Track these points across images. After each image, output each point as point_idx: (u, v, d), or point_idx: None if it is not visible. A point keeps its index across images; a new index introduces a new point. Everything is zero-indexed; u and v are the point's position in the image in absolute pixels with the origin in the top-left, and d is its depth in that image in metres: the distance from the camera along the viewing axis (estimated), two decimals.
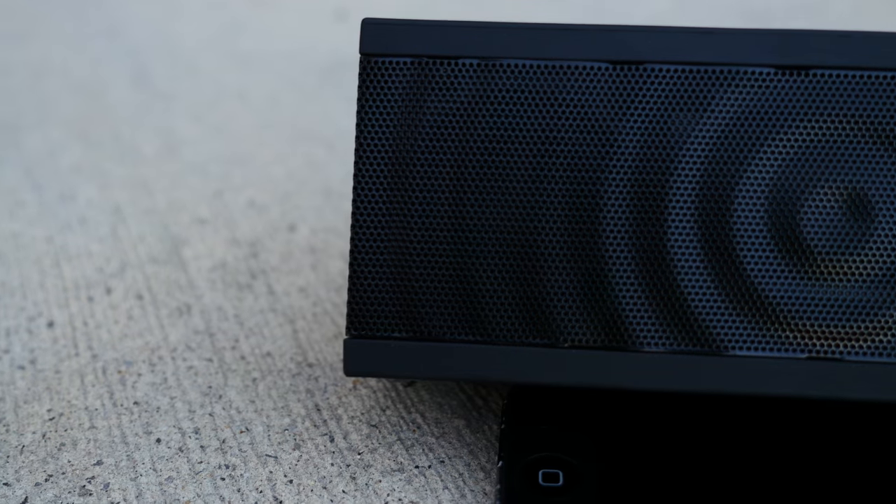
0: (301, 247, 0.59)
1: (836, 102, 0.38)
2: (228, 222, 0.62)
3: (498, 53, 0.39)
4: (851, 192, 0.38)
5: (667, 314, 0.39)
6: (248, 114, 0.79)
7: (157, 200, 0.65)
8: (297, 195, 0.66)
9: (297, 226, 0.62)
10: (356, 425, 0.44)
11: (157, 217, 0.63)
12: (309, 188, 0.67)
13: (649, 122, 0.39)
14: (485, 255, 0.39)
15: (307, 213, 0.63)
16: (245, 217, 0.63)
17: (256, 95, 0.83)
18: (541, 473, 0.39)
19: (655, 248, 0.39)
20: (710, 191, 0.38)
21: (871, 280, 0.38)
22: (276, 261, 0.58)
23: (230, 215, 0.63)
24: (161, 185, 0.67)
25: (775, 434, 0.41)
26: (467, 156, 0.39)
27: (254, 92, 0.83)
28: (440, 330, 0.39)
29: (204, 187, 0.67)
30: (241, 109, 0.80)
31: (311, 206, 0.64)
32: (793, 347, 0.38)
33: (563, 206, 0.39)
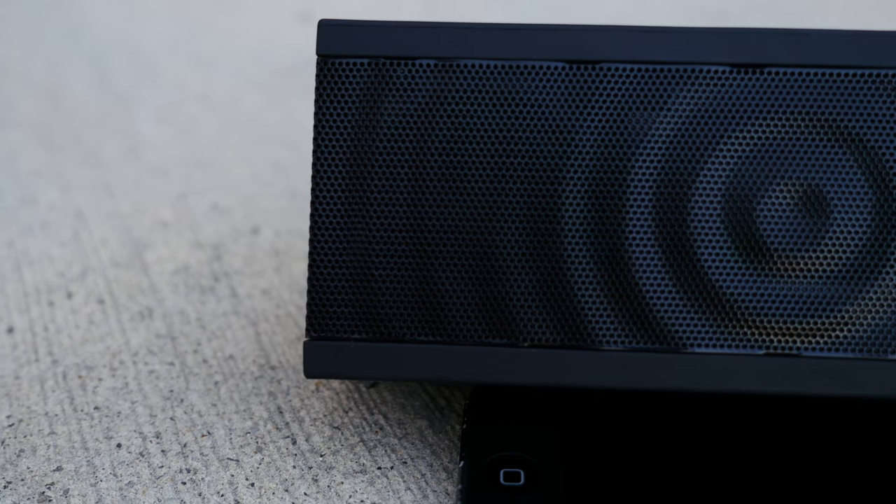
0: (265, 249, 0.59)
1: (791, 100, 0.38)
2: (191, 225, 0.62)
3: (455, 54, 0.39)
4: (807, 188, 0.39)
5: (626, 313, 0.39)
6: (212, 116, 0.79)
7: (119, 204, 0.65)
8: (260, 197, 0.65)
9: (260, 228, 0.61)
10: (318, 427, 0.44)
11: (119, 221, 0.62)
12: (273, 190, 0.66)
13: (606, 121, 0.39)
14: (444, 256, 0.39)
15: (271, 216, 0.63)
16: (208, 220, 0.62)
17: (220, 97, 0.82)
18: (502, 473, 0.39)
19: (614, 247, 0.39)
20: (668, 189, 0.39)
21: (828, 276, 0.39)
22: (240, 264, 0.57)
23: (193, 218, 0.63)
24: (124, 189, 0.67)
25: (736, 430, 0.41)
26: (426, 156, 0.39)
27: (217, 94, 0.83)
28: (400, 331, 0.39)
29: (167, 190, 0.66)
30: (204, 111, 0.80)
31: (275, 208, 0.64)
32: (751, 344, 0.39)
33: (522, 206, 0.39)
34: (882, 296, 0.38)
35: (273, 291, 0.55)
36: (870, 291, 0.38)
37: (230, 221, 0.62)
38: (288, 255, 0.58)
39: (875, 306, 0.38)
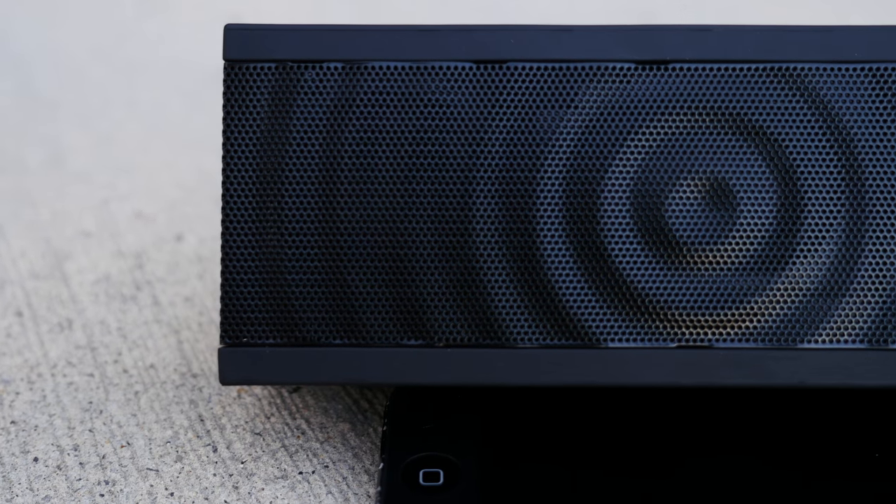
0: (188, 256, 0.59)
1: (695, 95, 0.39)
2: (114, 234, 0.61)
3: (362, 56, 0.39)
4: (713, 182, 0.39)
5: (540, 310, 0.39)
6: (137, 122, 0.78)
7: (40, 213, 0.64)
8: (185, 203, 0.65)
9: (184, 235, 0.61)
10: (240, 434, 0.44)
11: (39, 231, 0.61)
12: (197, 196, 0.66)
13: (514, 120, 0.39)
14: (358, 259, 0.39)
15: (195, 222, 0.62)
16: (131, 228, 0.62)
17: (145, 103, 0.82)
18: (421, 473, 0.39)
19: (525, 245, 0.39)
20: (577, 187, 0.39)
21: (737, 268, 0.39)
22: (162, 271, 0.57)
23: (116, 226, 0.62)
24: (45, 197, 0.66)
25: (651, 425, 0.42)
26: (336, 159, 0.39)
27: (142, 99, 0.82)
28: (315, 335, 0.39)
29: (90, 198, 0.66)
30: (129, 117, 0.79)
31: (200, 214, 0.63)
32: (663, 337, 0.39)
33: (433, 206, 0.39)
34: (790, 286, 0.39)
35: (196, 299, 0.54)
36: (778, 282, 0.39)
37: (153, 229, 0.62)
38: (212, 261, 0.58)
39: (783, 296, 0.39)
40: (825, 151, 0.39)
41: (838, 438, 0.41)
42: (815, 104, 0.39)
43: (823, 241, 0.39)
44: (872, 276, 0.39)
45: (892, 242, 0.39)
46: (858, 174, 0.39)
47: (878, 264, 0.39)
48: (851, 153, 0.39)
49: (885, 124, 0.39)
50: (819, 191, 0.39)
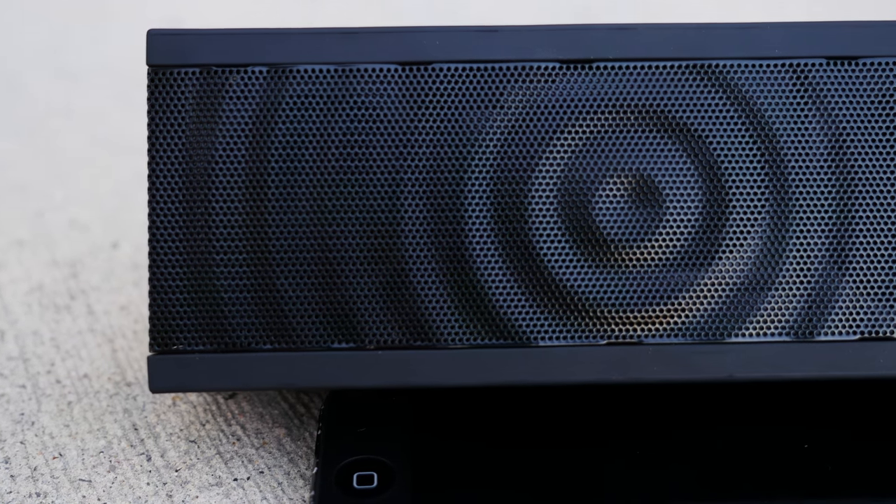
0: (124, 264, 0.58)
1: (620, 94, 0.39)
2: (48, 243, 0.60)
3: (287, 59, 0.39)
4: (640, 180, 0.39)
5: (469, 310, 0.39)
6: (74, 129, 0.77)
7: None
8: (122, 211, 0.64)
9: (120, 243, 0.60)
10: (174, 442, 0.44)
11: None
12: (135, 203, 0.65)
13: (441, 121, 0.39)
14: (287, 263, 0.39)
15: (132, 230, 0.62)
16: (66, 237, 0.61)
17: (82, 110, 0.81)
18: (355, 476, 0.39)
19: (454, 246, 0.39)
20: (505, 186, 0.39)
21: (664, 264, 0.39)
22: (97, 280, 0.56)
23: (50, 236, 0.61)
24: None
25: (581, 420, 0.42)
26: (263, 163, 0.39)
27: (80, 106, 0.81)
28: (245, 340, 0.39)
29: (24, 207, 0.65)
30: (66, 125, 0.78)
31: (137, 221, 0.63)
32: (593, 334, 0.39)
33: (361, 209, 0.39)
34: (717, 281, 0.39)
35: (132, 307, 0.54)
36: (705, 277, 0.39)
37: (89, 237, 0.61)
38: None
39: (711, 292, 0.39)
40: (748, 147, 0.39)
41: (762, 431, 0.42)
42: (737, 100, 0.39)
43: (748, 236, 0.39)
44: (797, 269, 0.39)
45: (815, 236, 0.39)
46: (781, 169, 0.39)
47: (802, 258, 0.39)
48: (774, 148, 0.39)
49: (805, 119, 0.39)
50: (743, 186, 0.39)
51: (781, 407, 0.43)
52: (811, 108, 0.39)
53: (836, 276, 0.39)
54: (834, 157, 0.39)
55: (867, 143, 0.39)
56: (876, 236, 0.39)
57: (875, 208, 0.39)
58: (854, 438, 0.41)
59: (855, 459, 0.40)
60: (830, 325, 0.39)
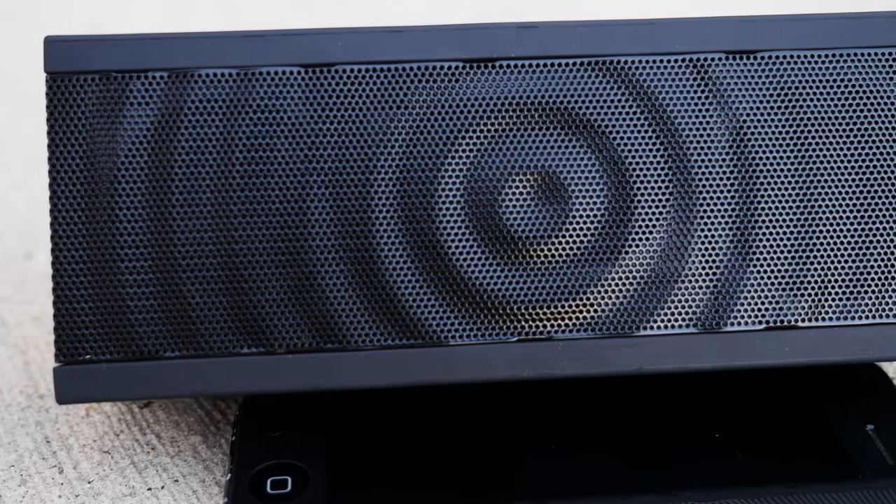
0: (37, 274, 0.57)
1: (524, 92, 0.39)
2: None
3: (188, 64, 0.39)
4: (546, 177, 0.40)
5: (379, 311, 0.39)
6: None
7: None
8: (36, 221, 0.63)
9: (34, 253, 0.60)
10: (87, 453, 0.43)
11: None
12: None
13: (345, 123, 0.39)
14: (193, 269, 0.39)
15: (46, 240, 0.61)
16: None
17: None
18: (269, 482, 0.39)
19: (363, 247, 0.39)
20: (411, 187, 0.39)
21: (572, 260, 0.40)
22: (9, 291, 0.55)
23: None
24: None
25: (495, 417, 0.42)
26: (168, 169, 0.39)
27: None
28: (153, 348, 0.39)
29: None
30: None
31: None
32: (503, 332, 0.39)
33: (266, 212, 0.39)
34: (624, 275, 0.40)
35: (45, 318, 0.53)
36: (612, 272, 0.40)
37: (1, 248, 0.60)
38: None
39: (618, 286, 0.40)
40: (651, 142, 0.40)
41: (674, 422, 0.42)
42: (639, 96, 0.40)
43: (654, 230, 0.40)
44: (703, 261, 0.40)
45: (719, 228, 0.40)
46: (684, 163, 0.40)
47: (707, 250, 0.40)
48: (677, 142, 0.40)
49: (706, 113, 0.40)
50: (647, 181, 0.40)
51: (691, 397, 0.44)
52: (712, 101, 0.40)
53: (741, 268, 0.40)
54: (735, 149, 0.40)
55: (767, 136, 0.40)
56: (778, 227, 0.40)
57: (776, 199, 0.40)
58: (763, 426, 0.42)
59: (765, 447, 0.41)
60: (737, 316, 0.40)
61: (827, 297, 0.40)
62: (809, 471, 0.40)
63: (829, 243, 0.40)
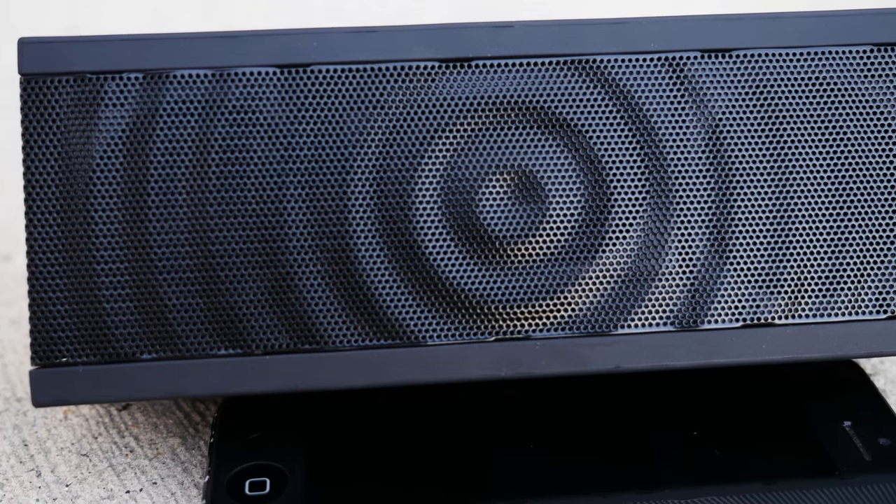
0: (15, 276, 0.57)
1: (499, 91, 0.39)
2: None
3: (163, 65, 0.38)
4: (523, 176, 0.40)
5: (357, 312, 0.39)
6: None
7: None
8: (13, 223, 0.63)
9: (12, 255, 0.59)
10: (65, 457, 0.43)
11: None
12: None
13: (322, 124, 0.39)
14: (169, 270, 0.38)
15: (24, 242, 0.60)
16: None
17: None
18: (248, 483, 0.39)
19: (340, 248, 0.39)
20: (388, 187, 0.39)
21: (550, 259, 0.40)
22: None
23: None
24: None
25: (473, 417, 0.42)
26: (144, 171, 0.38)
27: None
28: (130, 350, 0.38)
29: None
30: None
31: None
32: (481, 331, 0.39)
33: (243, 214, 0.39)
34: (601, 274, 0.40)
35: (22, 320, 0.53)
36: (589, 271, 0.40)
37: None
38: None
39: (595, 285, 0.40)
40: (628, 140, 0.40)
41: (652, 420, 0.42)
42: (615, 95, 0.40)
43: (631, 229, 0.40)
44: (680, 260, 0.40)
45: (696, 226, 0.40)
46: (661, 161, 0.40)
47: (684, 248, 0.40)
48: (653, 141, 0.40)
49: (682, 111, 0.40)
50: (624, 179, 0.40)
51: (670, 395, 0.44)
52: (688, 100, 0.40)
53: (718, 265, 0.40)
54: (711, 148, 0.40)
55: (743, 134, 0.40)
56: (754, 225, 0.40)
57: (752, 197, 0.40)
58: (741, 423, 0.42)
59: (743, 444, 0.41)
60: (714, 314, 0.40)
61: (803, 295, 0.40)
62: (787, 468, 0.40)
63: (805, 241, 0.40)
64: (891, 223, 0.41)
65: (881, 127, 0.41)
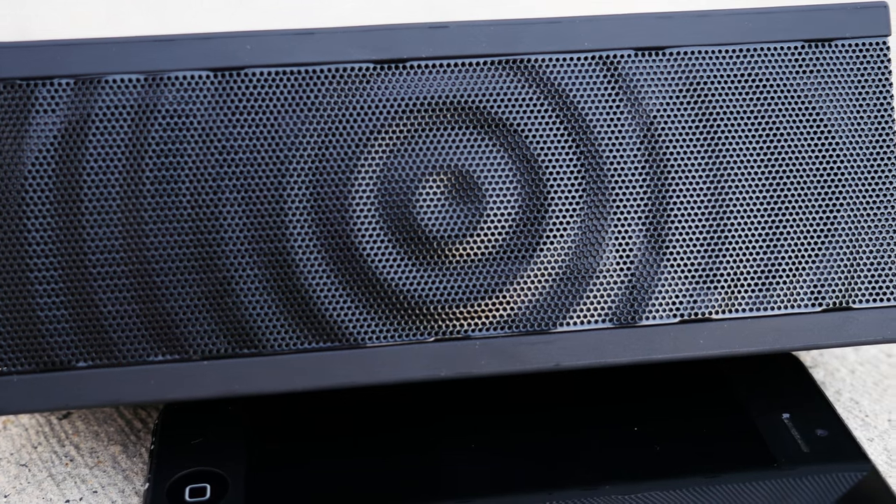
0: None
1: (435, 92, 0.39)
2: None
3: (95, 70, 0.38)
4: (459, 176, 0.40)
5: (296, 315, 0.39)
6: None
7: None
8: None
9: None
10: (4, 467, 0.43)
11: None
12: None
13: (257, 127, 0.39)
14: (104, 277, 0.38)
15: None
16: None
17: None
18: (188, 490, 0.39)
19: (277, 252, 0.39)
20: (325, 189, 0.39)
21: (488, 259, 0.40)
22: None
23: None
24: None
25: (421, 420, 0.42)
26: (77, 177, 0.38)
27: None
28: (66, 358, 0.38)
29: None
30: None
31: None
32: (420, 332, 0.39)
33: (178, 218, 0.38)
34: (539, 273, 0.40)
35: None
36: (528, 270, 0.40)
37: None
38: None
39: (534, 283, 0.40)
40: (564, 139, 0.40)
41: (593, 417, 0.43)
42: (550, 94, 0.40)
43: (568, 227, 0.40)
44: (617, 257, 0.40)
45: (633, 223, 0.40)
46: (597, 159, 0.40)
47: (621, 245, 0.40)
48: (589, 139, 0.40)
49: (617, 110, 0.40)
50: (561, 178, 0.40)
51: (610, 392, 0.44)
52: (623, 98, 0.40)
53: (655, 262, 0.40)
54: (647, 145, 0.40)
55: (678, 131, 0.40)
56: (690, 221, 0.41)
57: (687, 194, 0.41)
58: (681, 418, 0.43)
59: (683, 438, 0.41)
60: (652, 310, 0.40)
61: (740, 289, 0.41)
62: (727, 461, 0.40)
63: (740, 236, 0.41)
64: (824, 217, 0.41)
65: (813, 122, 0.41)
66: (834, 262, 0.41)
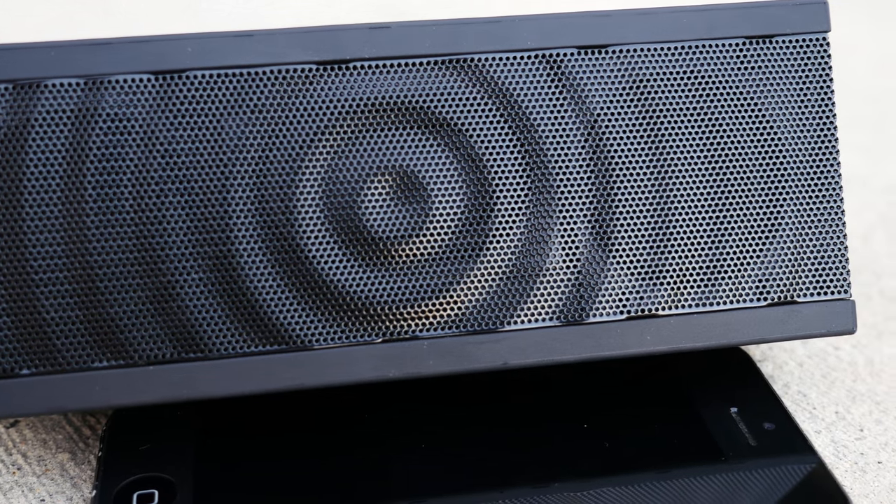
0: None
1: (378, 92, 0.39)
2: None
3: (34, 74, 0.38)
4: (404, 176, 0.40)
5: (242, 318, 0.39)
6: None
7: None
8: None
9: None
10: None
11: None
12: None
13: (200, 130, 0.38)
14: (46, 283, 0.38)
15: None
16: None
17: None
18: (135, 496, 0.38)
19: (222, 255, 0.39)
20: (269, 192, 0.39)
21: (434, 259, 0.40)
22: None
23: None
24: None
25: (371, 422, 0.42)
26: (17, 183, 0.38)
27: None
28: (8, 365, 0.38)
29: None
30: None
31: None
32: (368, 333, 0.39)
33: (121, 223, 0.38)
34: (486, 272, 0.40)
35: None
36: (474, 269, 0.40)
37: None
38: None
39: (481, 283, 0.40)
40: (508, 138, 0.40)
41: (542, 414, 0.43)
42: (494, 93, 0.40)
43: (514, 226, 0.40)
44: (563, 255, 0.40)
45: (578, 221, 0.40)
46: (541, 158, 0.40)
47: (567, 243, 0.40)
48: (533, 138, 0.40)
49: (561, 108, 0.40)
50: (506, 177, 0.40)
51: (559, 390, 0.44)
52: (566, 96, 0.40)
53: (602, 260, 0.41)
54: (591, 143, 0.41)
55: (622, 129, 0.41)
56: (636, 218, 0.41)
57: (632, 191, 0.41)
58: (629, 414, 0.43)
59: (632, 434, 0.42)
60: (598, 307, 0.41)
61: (686, 285, 0.41)
62: (675, 455, 0.40)
63: (685, 232, 0.41)
64: (768, 212, 0.42)
65: (755, 118, 0.41)
66: (778, 257, 0.42)
